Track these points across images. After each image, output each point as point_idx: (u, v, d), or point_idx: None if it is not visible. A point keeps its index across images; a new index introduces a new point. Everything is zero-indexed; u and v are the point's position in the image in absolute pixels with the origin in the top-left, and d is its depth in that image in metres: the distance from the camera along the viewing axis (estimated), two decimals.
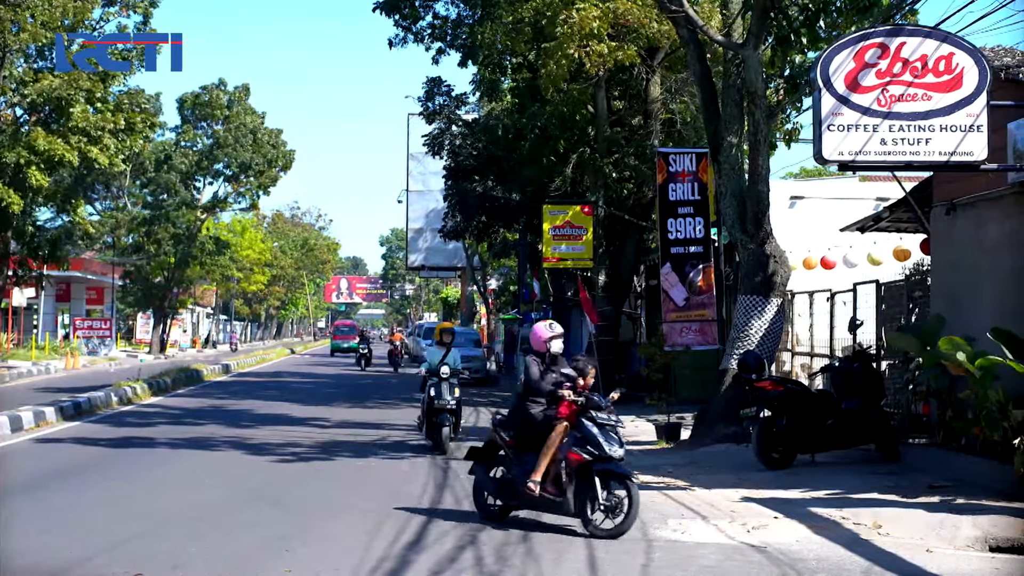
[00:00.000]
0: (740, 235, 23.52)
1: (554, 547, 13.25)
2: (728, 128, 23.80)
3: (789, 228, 30.28)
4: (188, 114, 76.86)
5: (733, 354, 22.88)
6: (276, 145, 77.82)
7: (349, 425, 28.29)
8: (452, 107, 43.66)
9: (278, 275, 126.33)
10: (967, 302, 18.54)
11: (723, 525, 14.79)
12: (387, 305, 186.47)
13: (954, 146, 15.93)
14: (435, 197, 67.43)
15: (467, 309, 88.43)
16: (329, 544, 13.41)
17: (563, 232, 37.67)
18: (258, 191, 79.05)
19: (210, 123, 77.09)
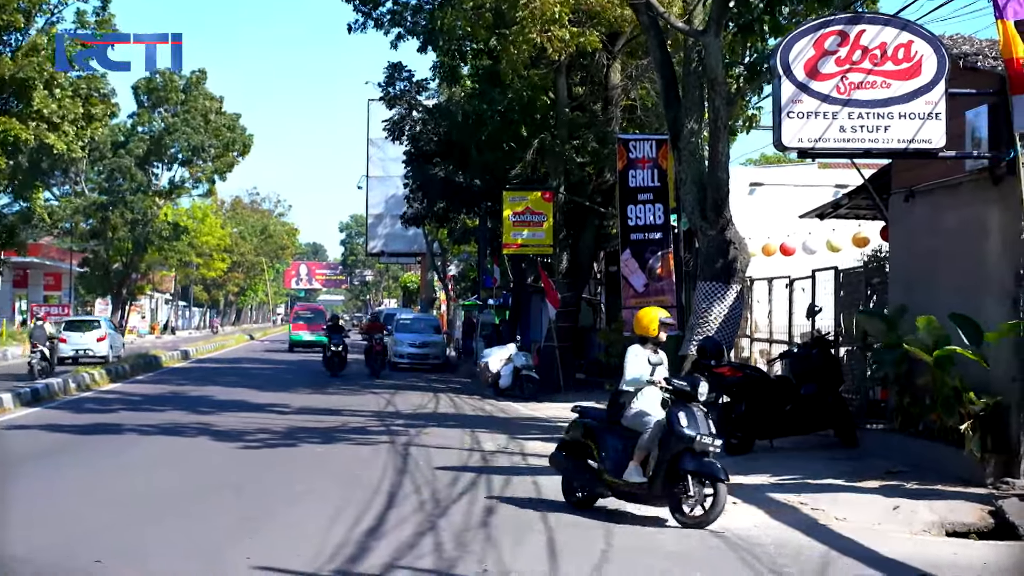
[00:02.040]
0: (700, 222, 23.55)
1: (513, 532, 13.25)
2: (688, 115, 23.82)
3: (749, 215, 30.33)
4: (143, 99, 76.32)
5: (692, 340, 22.92)
6: (233, 129, 77.39)
7: (310, 411, 28.24)
8: (413, 92, 43.57)
9: (237, 261, 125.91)
10: (925, 289, 18.63)
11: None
12: (347, 291, 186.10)
13: (913, 133, 15.98)
14: (395, 183, 67.13)
15: (427, 295, 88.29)
16: (289, 530, 13.39)
17: (523, 218, 37.65)
18: (215, 175, 78.60)
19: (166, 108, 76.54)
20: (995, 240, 16.68)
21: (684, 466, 13.65)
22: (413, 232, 72.06)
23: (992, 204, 16.76)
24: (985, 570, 11.74)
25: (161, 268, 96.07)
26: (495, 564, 11.60)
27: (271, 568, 11.25)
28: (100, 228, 75.24)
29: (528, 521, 13.97)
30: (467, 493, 15.95)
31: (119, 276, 78.71)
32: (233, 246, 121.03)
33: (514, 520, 14.06)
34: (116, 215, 74.12)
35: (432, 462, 18.99)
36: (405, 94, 43.26)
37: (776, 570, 11.50)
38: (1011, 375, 15.96)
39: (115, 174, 74.86)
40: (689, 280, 28.57)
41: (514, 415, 28.97)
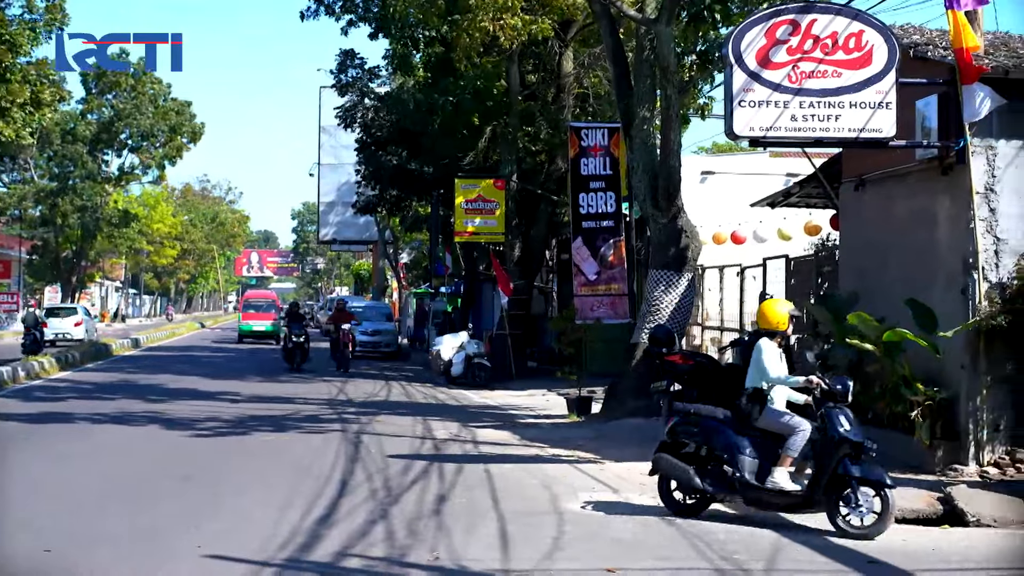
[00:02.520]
0: (652, 210, 23.61)
1: (465, 520, 13.25)
2: (640, 103, 23.86)
3: (700, 203, 30.44)
4: (92, 85, 75.79)
5: (644, 328, 22.96)
6: (181, 113, 77.03)
7: (261, 399, 28.15)
8: (365, 80, 43.48)
9: (188, 249, 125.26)
10: (875, 277, 18.73)
11: (633, 498, 14.88)
12: (298, 279, 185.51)
13: (863, 123, 16.06)
14: (347, 171, 66.98)
15: (379, 283, 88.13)
16: (240, 519, 13.34)
17: (475, 206, 37.63)
18: (164, 161, 78.19)
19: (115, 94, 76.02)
20: (944, 229, 16.80)
21: (849, 472, 12.93)
22: (365, 220, 71.92)
23: (942, 193, 16.87)
24: (934, 556, 11.82)
25: (111, 255, 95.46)
26: (447, 552, 11.59)
27: (221, 557, 11.21)
28: (49, 215, 74.78)
29: (480, 510, 13.97)
30: (419, 481, 15.94)
31: (69, 264, 78.27)
32: (184, 234, 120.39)
33: (466, 508, 14.06)
34: (66, 202, 73.65)
35: (384, 450, 18.96)
36: (357, 81, 43.17)
37: (727, 557, 11.54)
38: (960, 363, 16.09)
39: (65, 161, 74.37)
40: (640, 268, 28.64)
41: (466, 403, 28.97)
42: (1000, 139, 16.30)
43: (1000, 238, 16.13)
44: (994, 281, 16.04)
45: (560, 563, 11.22)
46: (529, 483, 16.04)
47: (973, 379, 16.02)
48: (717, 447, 13.72)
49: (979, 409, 15.98)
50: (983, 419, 15.96)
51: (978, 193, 16.02)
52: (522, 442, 20.91)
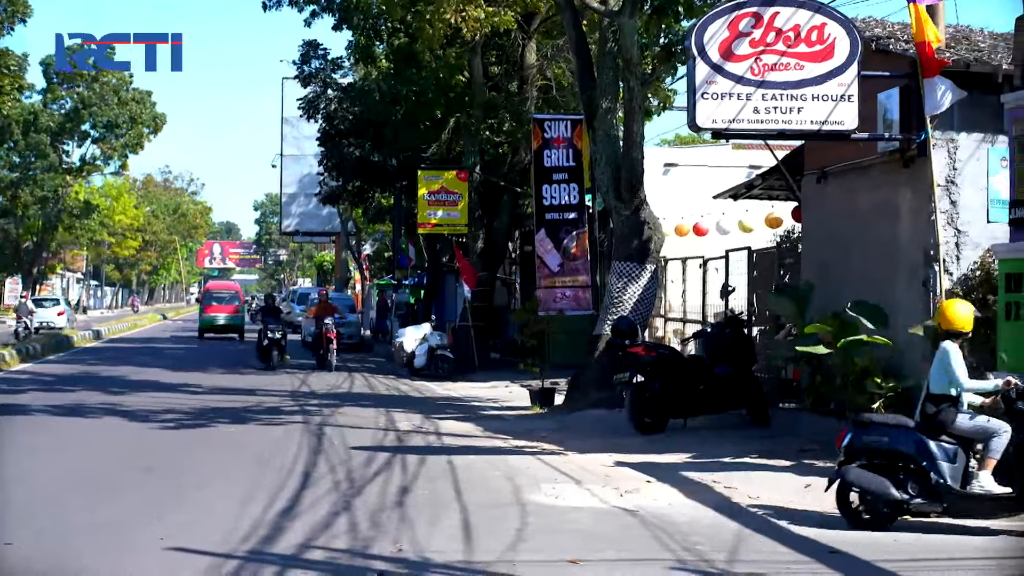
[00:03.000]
0: (615, 201, 23.65)
1: (428, 512, 13.25)
2: (603, 95, 23.89)
3: (663, 195, 30.48)
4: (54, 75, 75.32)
5: (607, 320, 23.02)
6: (144, 103, 76.67)
7: (223, 391, 28.07)
8: (328, 71, 43.34)
9: (150, 240, 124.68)
10: (837, 269, 18.81)
11: (596, 489, 14.90)
12: (260, 270, 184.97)
13: (826, 115, 16.12)
14: (310, 162, 66.70)
15: (342, 275, 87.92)
16: (202, 511, 13.31)
17: (439, 197, 37.54)
18: (126, 151, 77.82)
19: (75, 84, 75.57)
20: (906, 221, 16.90)
21: None
22: (328, 211, 71.69)
23: (903, 186, 16.97)
24: (895, 546, 11.88)
25: (72, 247, 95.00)
26: (410, 544, 11.59)
27: (184, 549, 11.17)
28: (10, 206, 74.33)
29: (443, 502, 13.98)
30: (382, 473, 15.93)
31: (29, 255, 77.81)
32: (146, 225, 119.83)
33: (429, 500, 14.06)
34: (26, 193, 73.22)
35: (347, 442, 18.94)
36: (320, 72, 43.01)
37: (689, 547, 11.57)
38: (922, 354, 16.16)
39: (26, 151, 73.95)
40: (603, 260, 28.66)
41: (429, 394, 28.96)
42: (961, 132, 16.41)
43: (961, 230, 16.23)
44: (955, 273, 16.14)
45: (523, 554, 11.22)
46: (492, 475, 16.05)
47: None
48: (915, 455, 12.90)
49: None
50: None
51: (939, 186, 16.11)
52: (485, 434, 20.94)
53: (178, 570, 10.45)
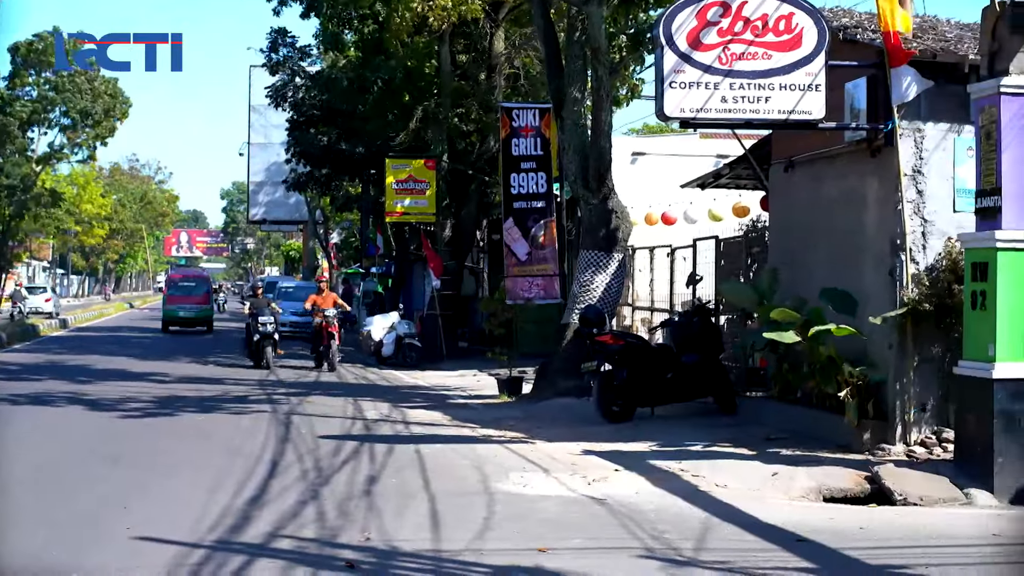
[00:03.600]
0: (582, 190, 23.66)
1: (396, 501, 13.25)
2: (571, 84, 23.89)
3: (631, 184, 30.50)
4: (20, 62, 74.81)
5: (575, 308, 23.05)
6: (114, 95, 76.32)
7: (190, 380, 28.02)
8: (296, 59, 43.20)
9: (117, 229, 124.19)
10: (804, 258, 18.85)
11: (564, 478, 14.91)
12: (228, 259, 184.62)
13: (793, 104, 16.13)
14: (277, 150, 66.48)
15: (309, 263, 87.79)
16: (170, 501, 13.29)
17: (406, 186, 37.49)
18: (95, 141, 77.48)
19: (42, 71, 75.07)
20: (873, 211, 16.94)
21: None
22: (295, 200, 71.62)
23: (870, 175, 17.01)
24: (861, 534, 11.93)
25: (39, 236, 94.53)
26: (378, 533, 11.59)
27: (151, 539, 11.14)
28: None
29: (411, 490, 13.98)
30: (350, 462, 15.92)
31: None
32: (113, 214, 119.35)
33: (397, 489, 14.06)
34: None
35: (315, 431, 18.94)
36: (288, 60, 42.86)
37: (657, 536, 11.60)
38: (888, 344, 16.24)
39: None
40: (571, 249, 28.72)
41: (397, 383, 28.96)
42: (928, 122, 16.45)
43: (927, 220, 16.28)
44: (922, 263, 16.19)
45: (491, 543, 11.23)
46: (460, 463, 16.06)
47: (900, 360, 16.18)
48: None
49: (906, 389, 16.14)
50: (910, 399, 16.12)
51: (906, 175, 16.16)
52: (453, 422, 20.94)
53: (145, 560, 10.41)
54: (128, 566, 10.25)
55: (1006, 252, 13.67)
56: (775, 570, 10.31)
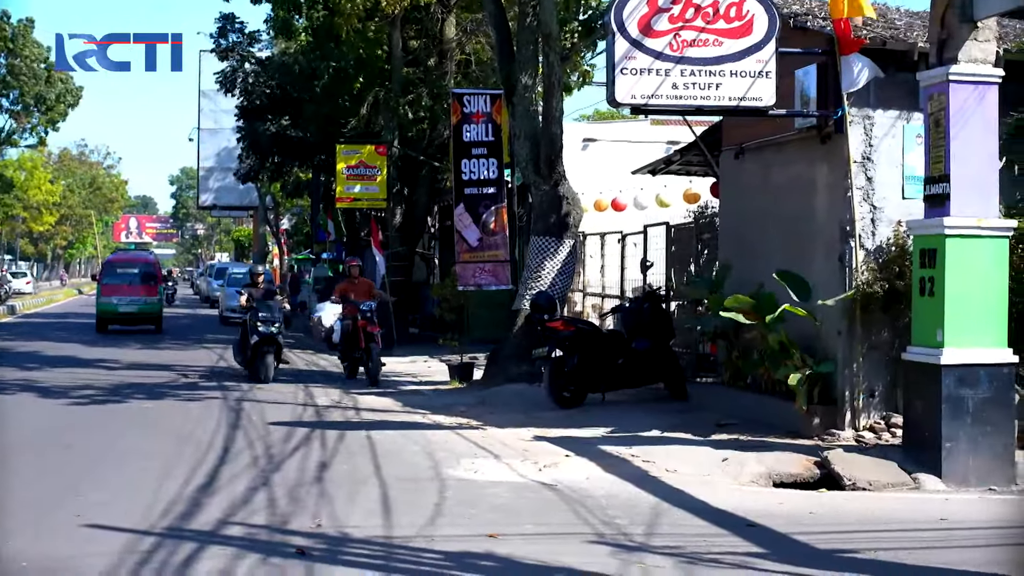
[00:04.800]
0: (534, 176, 23.67)
1: (347, 487, 13.24)
2: (523, 70, 23.87)
3: (582, 170, 30.54)
4: None
5: (526, 294, 23.05)
6: (64, 80, 75.77)
7: (140, 367, 27.87)
8: (245, 44, 42.97)
9: (66, 215, 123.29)
10: (754, 245, 18.93)
11: (515, 464, 14.93)
12: (178, 245, 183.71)
13: (744, 91, 16.17)
14: (227, 136, 66.22)
15: (259, 249, 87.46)
16: (120, 488, 13.21)
17: (357, 172, 37.38)
18: (46, 127, 76.92)
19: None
20: (823, 197, 17.02)
21: None
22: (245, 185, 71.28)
23: (820, 162, 17.09)
24: (811, 518, 12.00)
25: None
26: (329, 519, 11.58)
27: (101, 526, 11.09)
28: None
29: (362, 477, 13.97)
30: (301, 448, 15.89)
31: None
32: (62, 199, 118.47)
33: (348, 475, 14.04)
34: None
35: (265, 417, 18.89)
36: (237, 46, 42.64)
37: (607, 521, 11.63)
38: (837, 330, 16.33)
39: None
40: (522, 235, 28.71)
41: None
42: (877, 109, 16.54)
43: (877, 207, 16.37)
44: (871, 249, 16.29)
45: (442, 529, 11.24)
46: (411, 449, 16.05)
47: (849, 346, 16.28)
48: None
49: (856, 375, 16.24)
50: (859, 385, 16.22)
51: (855, 162, 16.25)
52: (404, 408, 20.92)
53: (95, 547, 10.35)
54: (78, 554, 10.19)
55: (954, 239, 13.77)
56: (725, 555, 10.35)
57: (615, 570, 9.75)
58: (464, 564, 9.93)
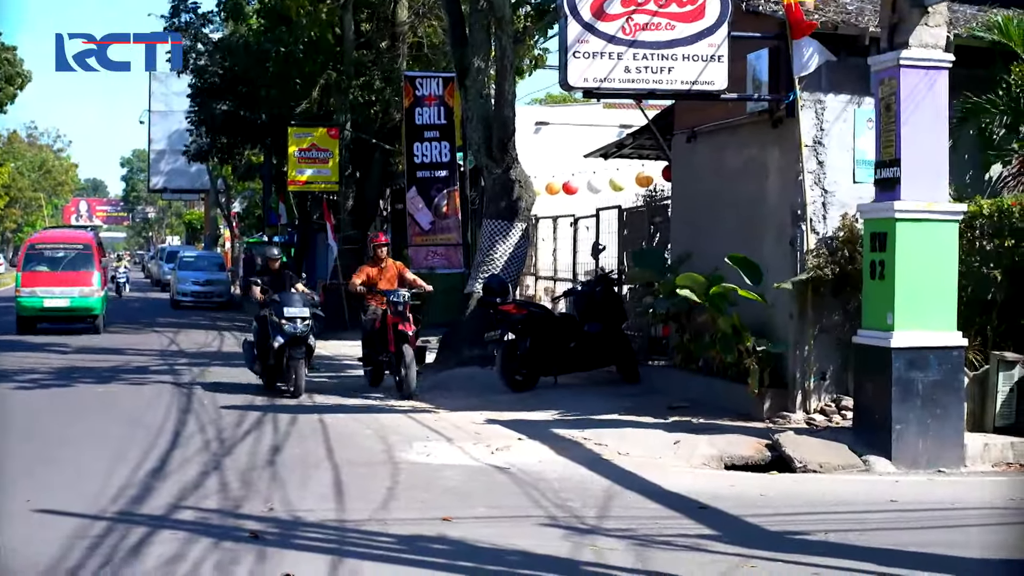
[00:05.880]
0: (486, 160, 23.66)
1: (300, 471, 13.22)
2: (475, 53, 23.84)
3: (534, 153, 30.54)
4: None
5: (478, 278, 23.06)
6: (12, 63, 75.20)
7: (90, 351, 27.73)
8: (198, 25, 42.71)
9: (15, 197, 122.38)
10: (707, 228, 18.98)
11: (468, 447, 14.94)
12: (129, 228, 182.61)
13: (696, 75, 16.20)
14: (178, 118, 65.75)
15: (211, 232, 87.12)
16: (71, 473, 13.15)
17: (309, 155, 37.33)
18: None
19: None
20: (774, 181, 17.08)
21: None
22: (197, 168, 70.87)
23: (771, 146, 17.15)
24: (762, 501, 12.06)
25: None
26: (281, 503, 11.55)
27: (52, 511, 11.02)
28: None
29: (314, 461, 13.94)
30: (253, 432, 15.85)
31: None
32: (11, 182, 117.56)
33: (300, 459, 14.02)
34: None
35: (217, 401, 18.82)
36: (190, 27, 42.37)
37: (560, 504, 11.65)
38: (789, 313, 16.40)
39: None
40: (475, 218, 28.70)
41: None
42: (829, 93, 16.60)
43: (828, 190, 16.44)
44: (821, 233, 16.36)
45: (395, 512, 11.24)
46: (364, 433, 16.04)
47: (800, 329, 16.35)
48: None
49: (806, 358, 16.32)
50: (810, 368, 16.31)
51: (807, 146, 16.30)
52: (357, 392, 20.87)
53: (45, 533, 10.29)
54: (28, 539, 10.13)
55: (904, 222, 13.86)
56: (677, 537, 10.38)
57: (568, 553, 9.77)
58: (417, 547, 9.93)
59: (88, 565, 9.29)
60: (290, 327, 19.68)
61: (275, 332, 19.78)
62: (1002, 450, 14.34)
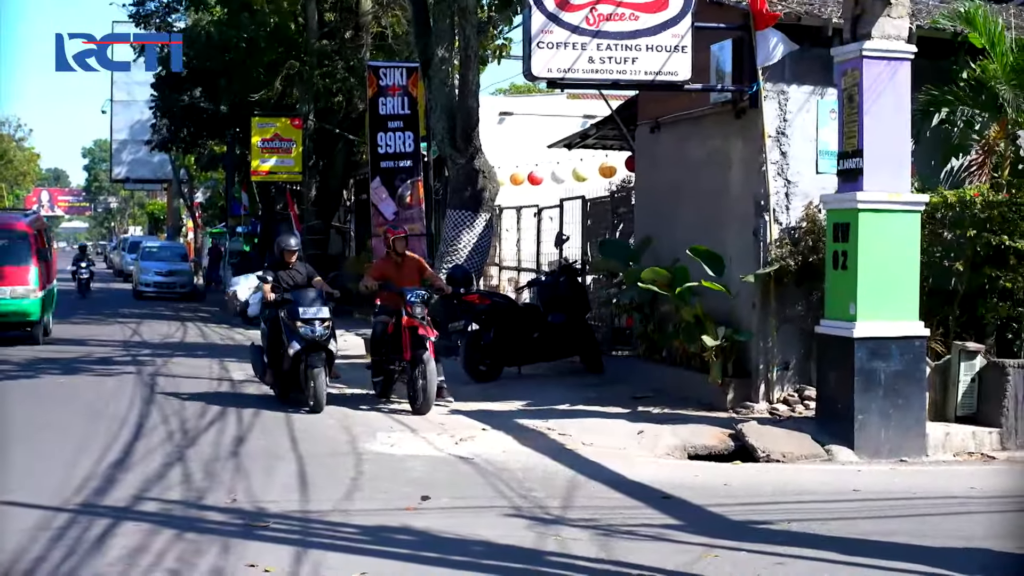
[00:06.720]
0: (450, 150, 23.65)
1: (263, 462, 13.19)
2: (439, 43, 23.82)
3: (498, 144, 30.49)
4: None
5: (442, 268, 23.03)
6: None
7: (54, 342, 27.55)
8: (162, 14, 42.52)
9: None
10: (671, 218, 19.01)
11: (432, 437, 14.93)
12: (91, 218, 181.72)
13: (660, 66, 16.21)
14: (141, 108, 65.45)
15: (173, 223, 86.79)
16: (33, 465, 13.05)
17: (272, 145, 37.27)
18: None
19: None
20: (737, 172, 17.12)
21: None
22: (159, 158, 70.63)
23: (735, 136, 17.19)
24: (725, 490, 12.09)
25: None
26: (245, 494, 11.52)
27: (14, 503, 10.96)
28: None
29: (278, 452, 13.91)
30: (216, 423, 15.80)
31: None
32: None
33: (264, 450, 13.99)
34: None
35: (180, 392, 18.75)
36: (153, 15, 42.18)
37: (524, 494, 11.66)
38: (752, 303, 16.45)
39: None
40: (439, 208, 28.68)
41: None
42: (792, 84, 16.64)
43: (791, 181, 16.49)
44: (784, 223, 16.41)
45: (359, 503, 11.23)
46: (328, 424, 16.01)
47: (763, 319, 16.41)
48: None
49: (770, 348, 16.38)
50: (773, 358, 16.37)
51: (770, 137, 16.35)
52: None
53: (8, 525, 10.23)
54: None
55: (867, 213, 13.91)
56: (641, 527, 10.41)
57: (532, 543, 9.78)
58: (381, 538, 9.93)
59: (51, 557, 9.25)
60: (307, 330, 17.18)
61: (290, 336, 17.25)
62: (963, 439, 14.45)
